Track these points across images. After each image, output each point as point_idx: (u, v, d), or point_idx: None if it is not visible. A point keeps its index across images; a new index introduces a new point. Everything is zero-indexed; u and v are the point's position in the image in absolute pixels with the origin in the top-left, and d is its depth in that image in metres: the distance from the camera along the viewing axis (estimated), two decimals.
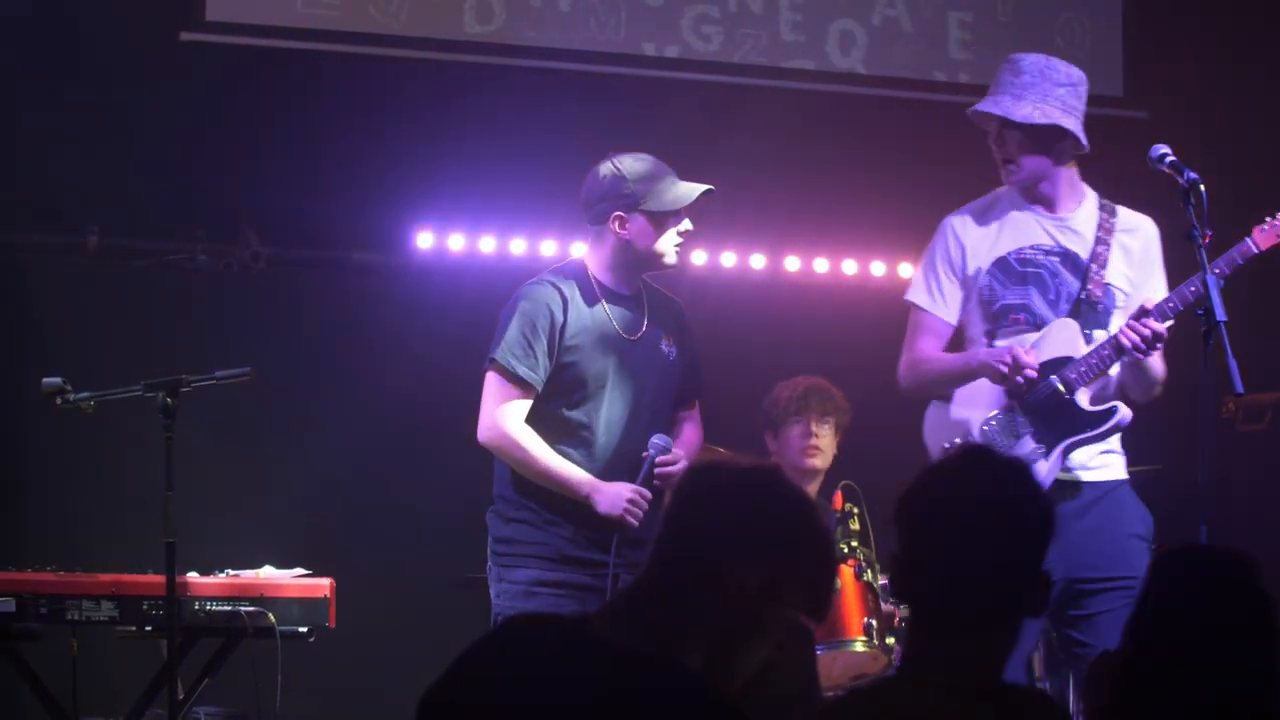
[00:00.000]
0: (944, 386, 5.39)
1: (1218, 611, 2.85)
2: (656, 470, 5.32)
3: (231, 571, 5.91)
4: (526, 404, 5.36)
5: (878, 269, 8.44)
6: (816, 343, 7.80)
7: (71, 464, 7.41)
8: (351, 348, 7.75)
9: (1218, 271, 5.04)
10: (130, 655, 6.32)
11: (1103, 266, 5.26)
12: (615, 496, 5.27)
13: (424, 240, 7.91)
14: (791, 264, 8.37)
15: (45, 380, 5.64)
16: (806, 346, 7.72)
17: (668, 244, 5.43)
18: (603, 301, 5.44)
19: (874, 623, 6.25)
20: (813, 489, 6.81)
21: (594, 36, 7.93)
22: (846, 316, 8.10)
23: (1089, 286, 5.24)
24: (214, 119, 7.60)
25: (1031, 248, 5.30)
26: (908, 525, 2.91)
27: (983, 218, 5.40)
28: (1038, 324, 5.27)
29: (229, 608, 5.78)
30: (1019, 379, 5.16)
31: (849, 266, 8.43)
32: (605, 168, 5.47)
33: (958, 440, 5.30)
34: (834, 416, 6.83)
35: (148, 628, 5.75)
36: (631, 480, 5.31)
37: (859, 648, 6.21)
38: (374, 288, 7.89)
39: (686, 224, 5.44)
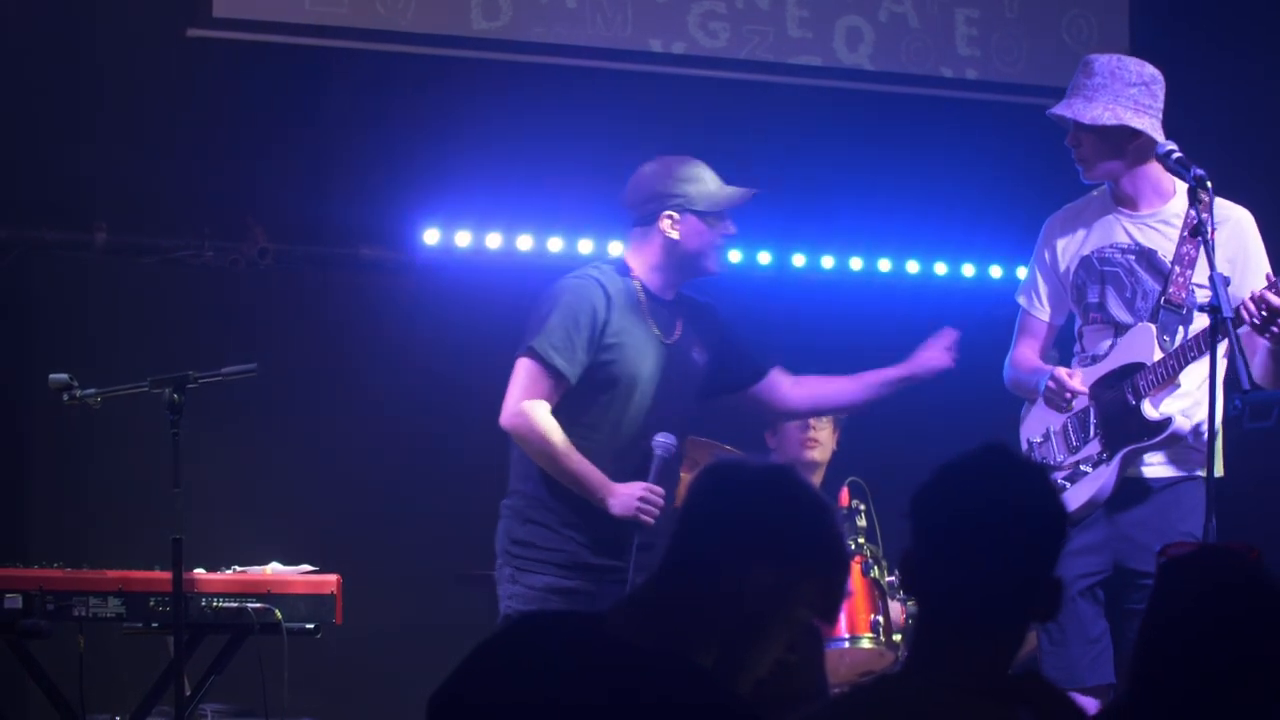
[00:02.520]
0: (1021, 393, 5.51)
1: (1230, 618, 2.84)
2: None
3: (238, 568, 5.90)
4: (556, 396, 5.34)
5: (884, 265, 8.44)
6: (823, 339, 7.79)
7: (78, 460, 7.41)
8: (358, 344, 7.75)
9: None
10: (137, 652, 6.32)
11: (1188, 267, 5.24)
12: (628, 497, 5.25)
13: (431, 237, 7.91)
14: (798, 260, 8.37)
15: (52, 376, 5.64)
16: (813, 343, 7.71)
17: (715, 246, 5.43)
18: (645, 302, 5.41)
19: (881, 620, 6.25)
20: (814, 482, 6.82)
21: (600, 33, 7.92)
22: (853, 313, 8.10)
23: (1170, 289, 5.23)
24: (221, 115, 7.60)
25: (1110, 246, 5.34)
26: (921, 521, 2.91)
27: (1074, 218, 5.47)
28: (1114, 323, 5.31)
29: (236, 604, 5.78)
30: (1064, 400, 5.23)
31: (855, 263, 8.43)
32: (654, 168, 5.44)
33: (1040, 437, 5.37)
34: None
35: (154, 624, 5.75)
36: (643, 479, 5.30)
37: (866, 644, 6.21)
38: (381, 284, 7.89)
39: (731, 227, 5.44)
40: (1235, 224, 5.29)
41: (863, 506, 6.45)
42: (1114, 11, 8.41)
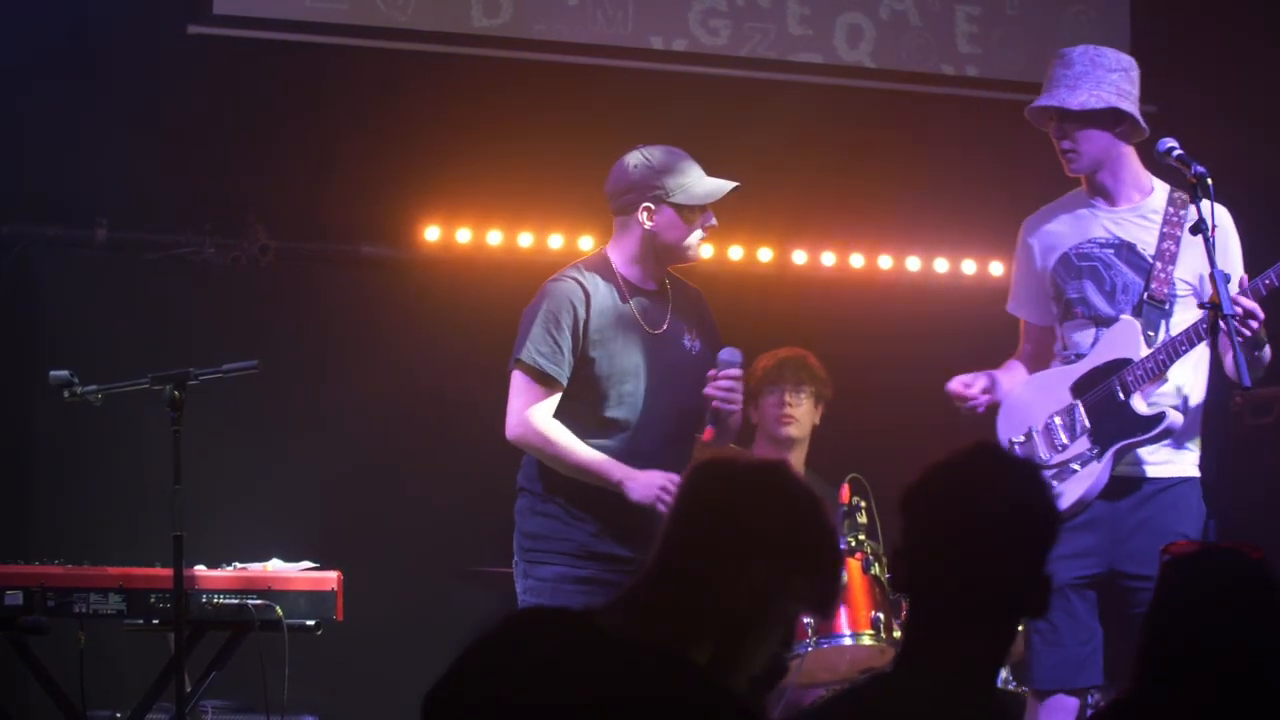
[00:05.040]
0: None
1: (1234, 617, 2.85)
2: (715, 387, 5.32)
3: (239, 564, 5.91)
4: (554, 400, 5.34)
5: (885, 262, 8.44)
6: (824, 336, 7.79)
7: (79, 457, 7.41)
8: (359, 341, 7.76)
9: (1267, 283, 5.04)
10: (138, 648, 6.32)
11: (1170, 262, 5.25)
12: (648, 484, 5.22)
13: (431, 233, 7.92)
14: (798, 257, 8.37)
15: (53, 373, 5.64)
16: (814, 340, 7.71)
17: (694, 238, 5.40)
18: (627, 295, 5.41)
19: (881, 616, 6.25)
20: (795, 459, 6.82)
21: (602, 30, 7.92)
22: (854, 310, 8.10)
23: (1153, 285, 5.24)
24: (222, 112, 7.60)
25: (1089, 241, 5.35)
26: (912, 519, 2.91)
27: (1050, 217, 5.48)
28: (1095, 316, 5.31)
29: (236, 601, 5.78)
30: (966, 409, 5.31)
31: (856, 260, 8.43)
32: (634, 158, 5.41)
33: (1022, 437, 5.36)
34: (810, 385, 6.86)
35: (155, 621, 5.76)
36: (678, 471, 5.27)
37: (866, 641, 6.21)
38: (381, 281, 7.89)
39: (713, 219, 5.42)
40: (1222, 226, 5.30)
41: (864, 503, 6.44)
42: (1115, 8, 8.41)
